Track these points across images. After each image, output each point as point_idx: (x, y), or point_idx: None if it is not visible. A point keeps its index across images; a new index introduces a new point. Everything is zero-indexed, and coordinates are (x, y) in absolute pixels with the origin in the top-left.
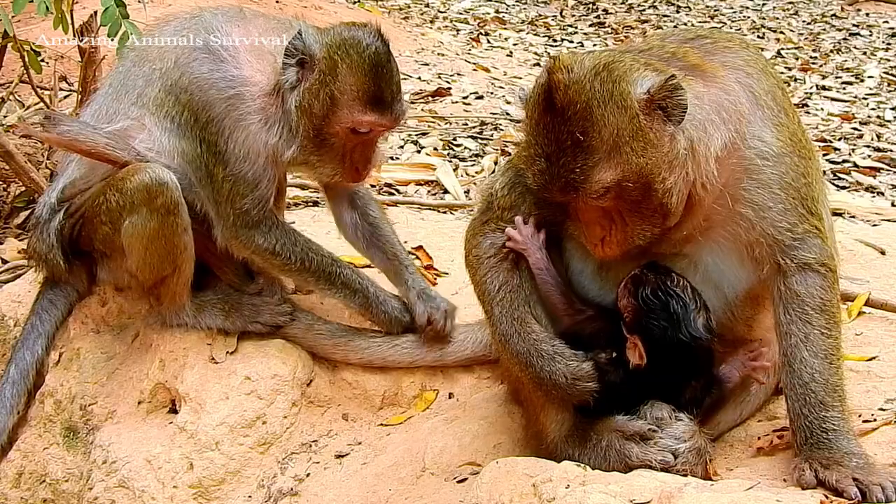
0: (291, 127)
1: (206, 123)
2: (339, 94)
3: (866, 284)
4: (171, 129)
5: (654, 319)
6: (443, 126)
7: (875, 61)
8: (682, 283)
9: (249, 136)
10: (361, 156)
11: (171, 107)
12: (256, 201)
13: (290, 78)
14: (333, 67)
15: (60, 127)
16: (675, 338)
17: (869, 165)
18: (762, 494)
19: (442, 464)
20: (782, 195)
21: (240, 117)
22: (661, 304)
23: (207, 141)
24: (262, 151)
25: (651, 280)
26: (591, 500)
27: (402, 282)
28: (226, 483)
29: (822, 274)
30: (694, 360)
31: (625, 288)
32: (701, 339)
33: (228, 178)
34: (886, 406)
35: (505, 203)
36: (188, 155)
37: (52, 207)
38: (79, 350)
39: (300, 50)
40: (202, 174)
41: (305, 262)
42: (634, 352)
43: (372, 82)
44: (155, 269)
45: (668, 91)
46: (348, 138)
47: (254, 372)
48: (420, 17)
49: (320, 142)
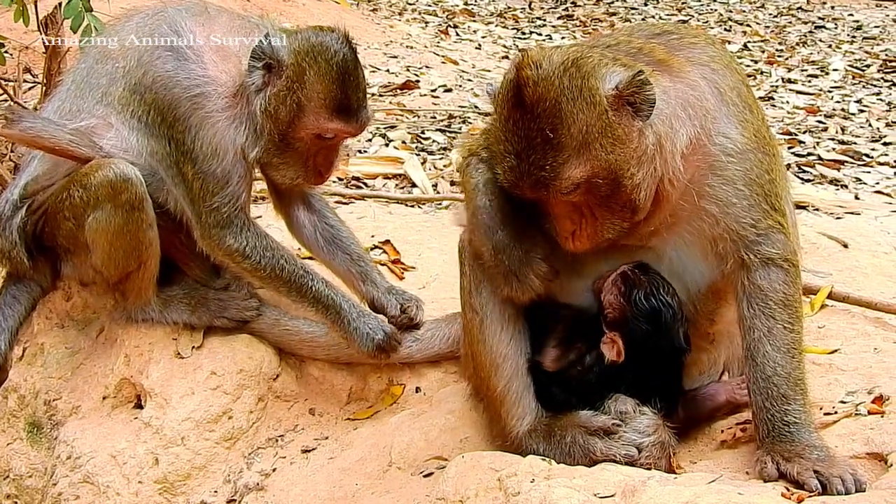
0: (256, 129)
1: (172, 122)
2: (305, 100)
3: (829, 277)
4: (138, 129)
5: (641, 323)
6: (411, 119)
7: (840, 54)
8: (671, 290)
9: (217, 134)
10: (325, 160)
11: (137, 106)
12: (227, 199)
13: (255, 81)
14: (301, 74)
15: (23, 123)
16: (657, 344)
17: (833, 158)
18: (724, 487)
19: (409, 458)
20: (746, 191)
21: (206, 115)
22: (653, 311)
23: (175, 139)
24: (231, 148)
25: (644, 283)
26: (556, 494)
27: (371, 280)
28: (191, 478)
29: (785, 269)
30: (669, 364)
31: (614, 285)
32: (681, 349)
33: (198, 175)
34: (847, 399)
35: None
36: (158, 154)
37: (15, 204)
38: (43, 345)
39: (267, 54)
40: (173, 173)
41: (276, 269)
42: (612, 348)
43: (339, 90)
44: (120, 265)
45: (637, 87)
46: (313, 143)
47: (220, 367)
48: (389, 10)
49: (285, 145)
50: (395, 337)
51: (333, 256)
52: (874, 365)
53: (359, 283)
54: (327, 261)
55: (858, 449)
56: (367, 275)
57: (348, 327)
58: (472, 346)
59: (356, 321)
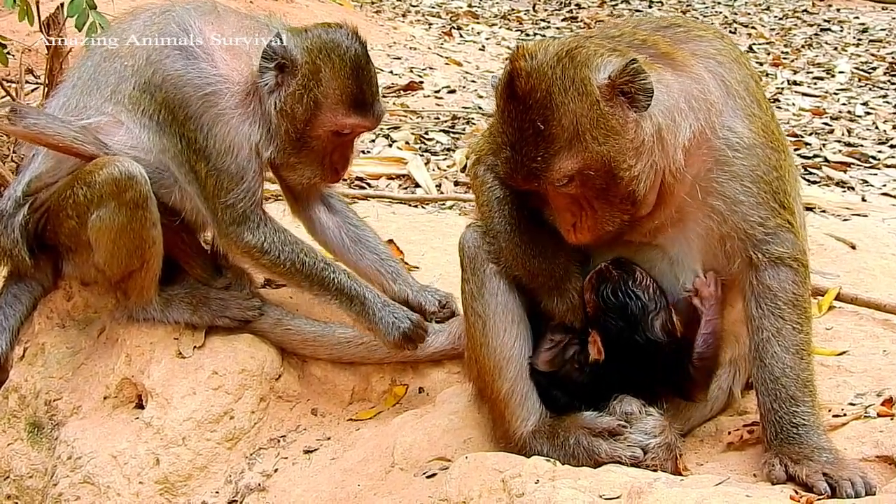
0: (270, 129)
1: (183, 120)
2: (322, 97)
3: (837, 279)
4: (150, 127)
5: (611, 319)
6: (414, 120)
7: (846, 56)
8: (644, 282)
9: (231, 130)
10: (341, 156)
11: (148, 105)
12: (243, 194)
13: (268, 81)
14: (316, 72)
15: (27, 120)
16: (630, 339)
17: (839, 160)
18: (732, 489)
19: (411, 459)
20: (754, 188)
21: (219, 113)
22: (620, 305)
23: (187, 137)
24: (245, 144)
25: (614, 278)
26: (560, 495)
27: (403, 280)
28: (193, 478)
29: (795, 269)
30: (654, 360)
31: (589, 282)
32: (658, 341)
33: (212, 173)
34: (856, 401)
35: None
36: (169, 151)
37: (17, 201)
38: (43, 345)
39: (279, 54)
40: (186, 170)
41: (297, 263)
42: (593, 346)
43: (354, 85)
44: (123, 264)
45: (630, 75)
46: (329, 140)
47: (221, 367)
48: (392, 11)
49: (301, 144)
50: (422, 325)
51: (361, 257)
52: (883, 367)
53: (390, 283)
54: (354, 261)
55: (868, 452)
56: (399, 273)
57: (373, 317)
58: (475, 349)
59: (381, 311)
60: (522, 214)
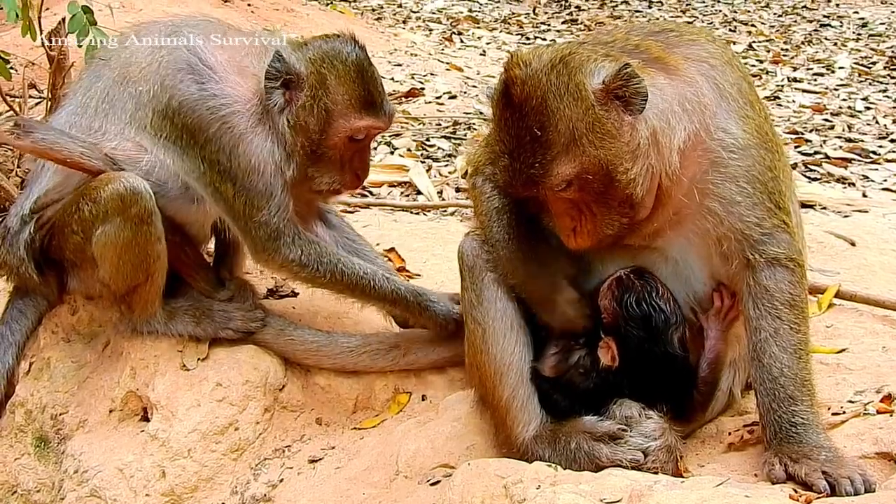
0: (286, 147)
1: (204, 143)
2: (332, 105)
3: (837, 276)
4: (173, 151)
5: (633, 328)
6: (416, 127)
7: (846, 52)
8: (666, 295)
9: (254, 148)
10: (360, 161)
11: (170, 130)
12: (275, 210)
13: (277, 101)
14: (322, 81)
15: (35, 134)
16: (650, 350)
17: (840, 156)
18: (731, 490)
19: (415, 466)
20: (749, 189)
21: (241, 133)
22: (643, 316)
23: (209, 160)
24: (270, 160)
25: (637, 288)
26: (562, 500)
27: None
28: (199, 490)
29: (791, 269)
30: (665, 372)
31: (608, 289)
32: (675, 355)
33: (240, 193)
34: (856, 398)
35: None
36: (194, 174)
37: (24, 218)
38: (49, 359)
39: (283, 71)
40: (211, 191)
41: (336, 274)
42: (607, 353)
43: (361, 88)
44: (128, 278)
45: (624, 79)
46: (346, 147)
47: (225, 378)
48: (393, 18)
49: (318, 156)
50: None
51: None
52: (882, 364)
53: None
54: None
55: (867, 449)
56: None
57: (423, 314)
58: (475, 356)
59: (429, 308)
60: (521, 224)
